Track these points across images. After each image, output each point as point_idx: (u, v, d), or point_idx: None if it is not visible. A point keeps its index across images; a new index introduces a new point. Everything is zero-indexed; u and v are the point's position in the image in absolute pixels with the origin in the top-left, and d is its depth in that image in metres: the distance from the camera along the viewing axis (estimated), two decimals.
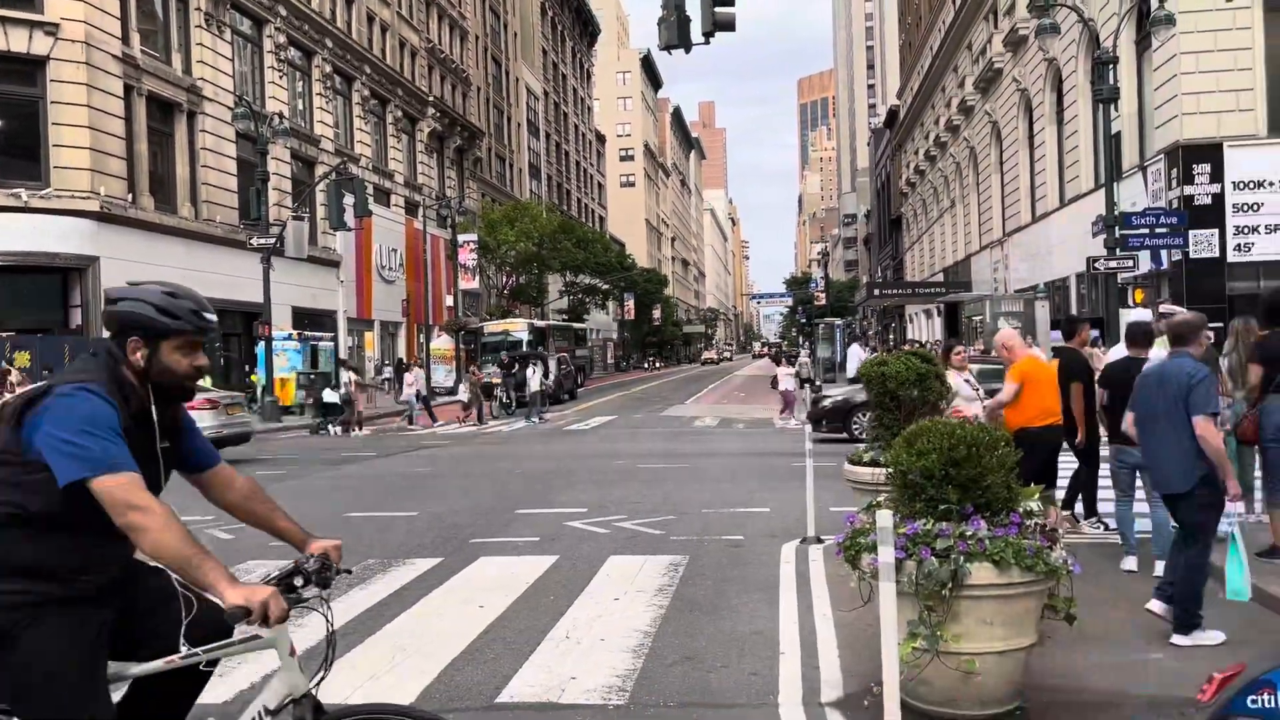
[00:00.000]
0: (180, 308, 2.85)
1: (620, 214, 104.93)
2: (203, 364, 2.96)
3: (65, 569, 2.68)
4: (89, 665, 2.69)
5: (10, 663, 2.62)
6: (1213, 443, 5.35)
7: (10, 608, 2.62)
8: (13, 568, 2.64)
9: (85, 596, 2.72)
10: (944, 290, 49.30)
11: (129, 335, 2.80)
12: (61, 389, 2.67)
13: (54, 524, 2.65)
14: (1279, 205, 22.55)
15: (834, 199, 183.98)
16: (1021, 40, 35.05)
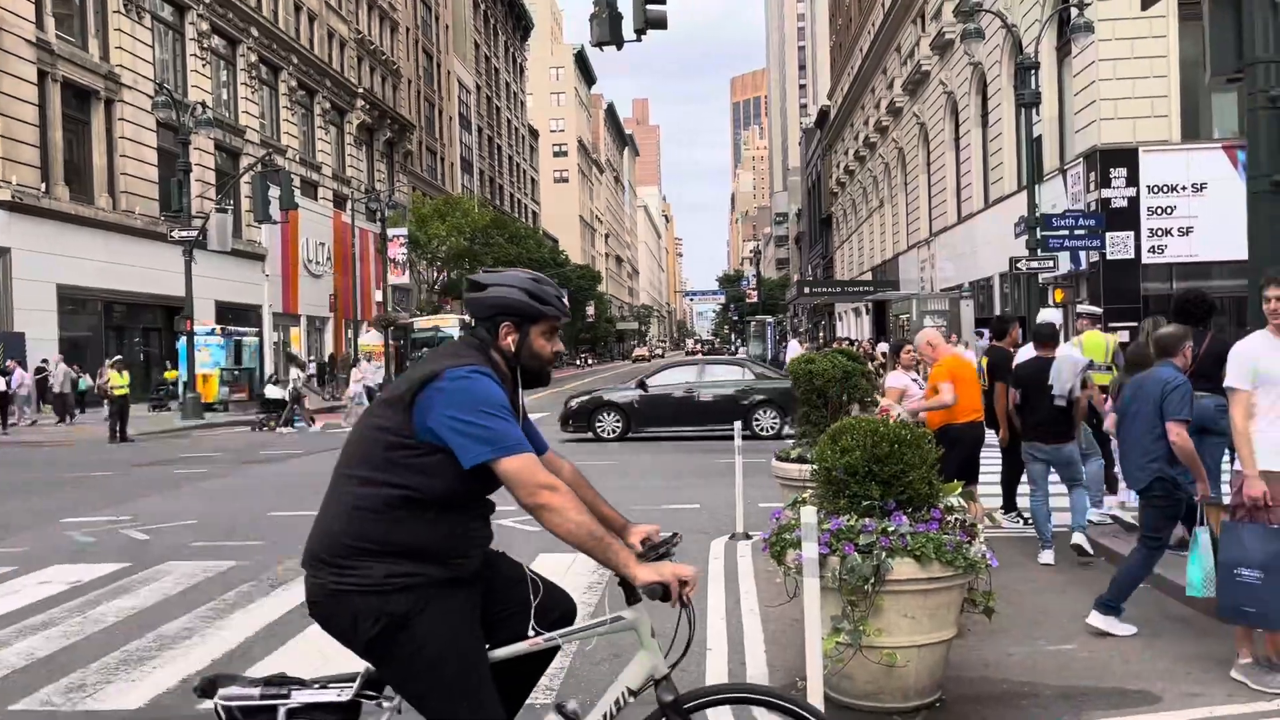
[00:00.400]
0: (547, 293, 2.86)
1: (554, 210, 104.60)
2: (561, 349, 3.04)
3: (449, 551, 2.70)
4: (475, 647, 2.73)
5: (403, 645, 2.63)
6: (1184, 446, 5.53)
7: (403, 590, 2.62)
8: (405, 549, 2.64)
9: (462, 579, 2.74)
10: (872, 289, 50.16)
11: (501, 320, 2.81)
12: (453, 372, 2.66)
13: (444, 506, 2.69)
14: (1190, 209, 23.36)
15: (766, 198, 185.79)
16: (948, 44, 35.76)
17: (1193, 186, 23.30)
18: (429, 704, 2.69)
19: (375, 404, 2.84)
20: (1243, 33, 6.72)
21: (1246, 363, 4.86)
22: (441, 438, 2.61)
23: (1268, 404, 4.82)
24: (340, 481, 2.75)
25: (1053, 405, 7.49)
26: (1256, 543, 4.70)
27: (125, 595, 7.29)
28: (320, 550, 2.69)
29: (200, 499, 12.30)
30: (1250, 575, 4.68)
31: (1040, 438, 7.55)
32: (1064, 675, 5.11)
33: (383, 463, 2.66)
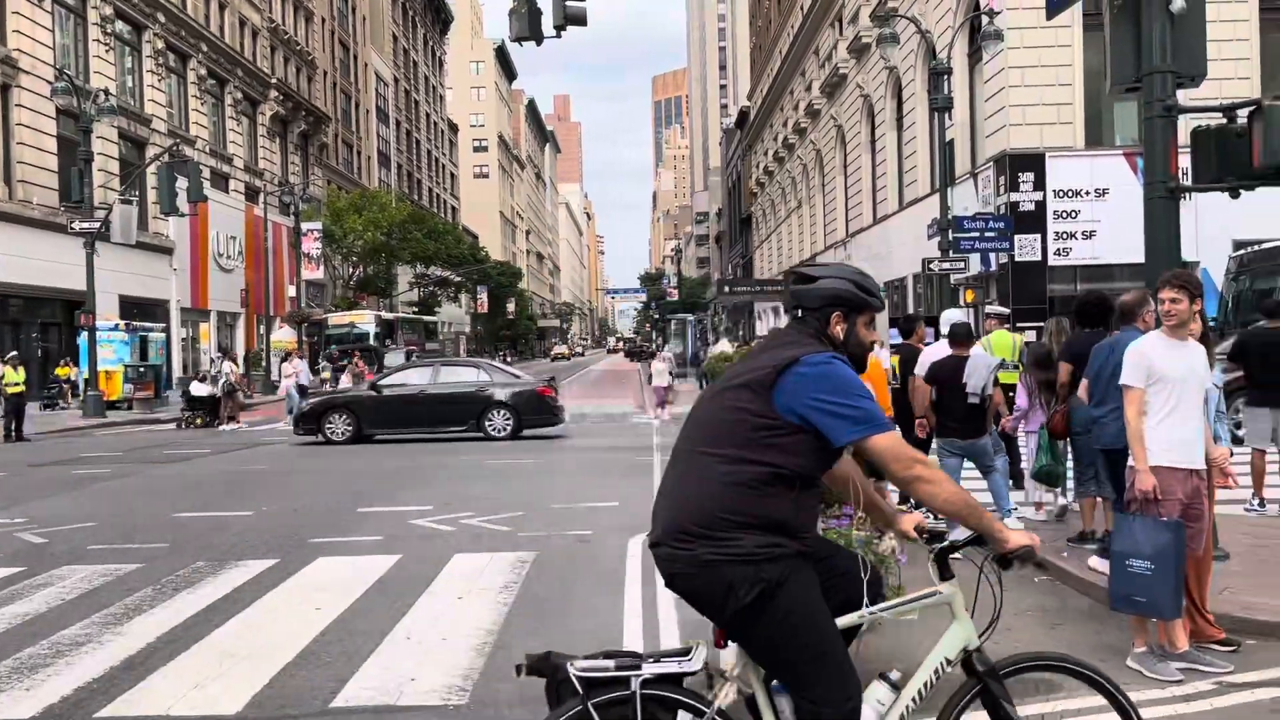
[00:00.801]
0: (871, 285, 3.05)
1: (474, 205, 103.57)
2: (876, 338, 3.20)
3: (801, 526, 2.86)
4: (829, 616, 2.88)
5: (770, 613, 2.77)
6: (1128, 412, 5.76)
7: (772, 560, 2.77)
8: (771, 523, 2.79)
9: (806, 553, 2.88)
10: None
11: (831, 310, 2.97)
12: (811, 358, 2.83)
13: (805, 483, 2.85)
14: (1094, 213, 24.20)
15: (688, 197, 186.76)
16: (865, 48, 36.40)
17: (1095, 191, 24.13)
18: (797, 670, 2.83)
19: (728, 388, 2.95)
20: (1140, 44, 6.97)
21: (1141, 362, 5.04)
22: (807, 419, 2.79)
23: (1160, 402, 5.00)
24: (696, 459, 2.88)
25: (967, 402, 7.73)
26: (1147, 535, 4.87)
27: (19, 601, 6.99)
28: (690, 523, 2.80)
29: (101, 500, 11.87)
30: (1141, 566, 4.85)
31: (955, 434, 7.83)
32: None
33: (748, 442, 2.81)
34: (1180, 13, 6.83)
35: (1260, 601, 5.86)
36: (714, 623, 2.89)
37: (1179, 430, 4.99)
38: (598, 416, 25.34)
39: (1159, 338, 5.12)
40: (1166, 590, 4.79)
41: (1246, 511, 8.59)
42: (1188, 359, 5.05)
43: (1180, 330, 5.07)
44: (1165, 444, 4.99)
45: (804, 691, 2.82)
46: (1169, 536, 4.80)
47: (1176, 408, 4.98)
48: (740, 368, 2.99)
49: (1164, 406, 4.98)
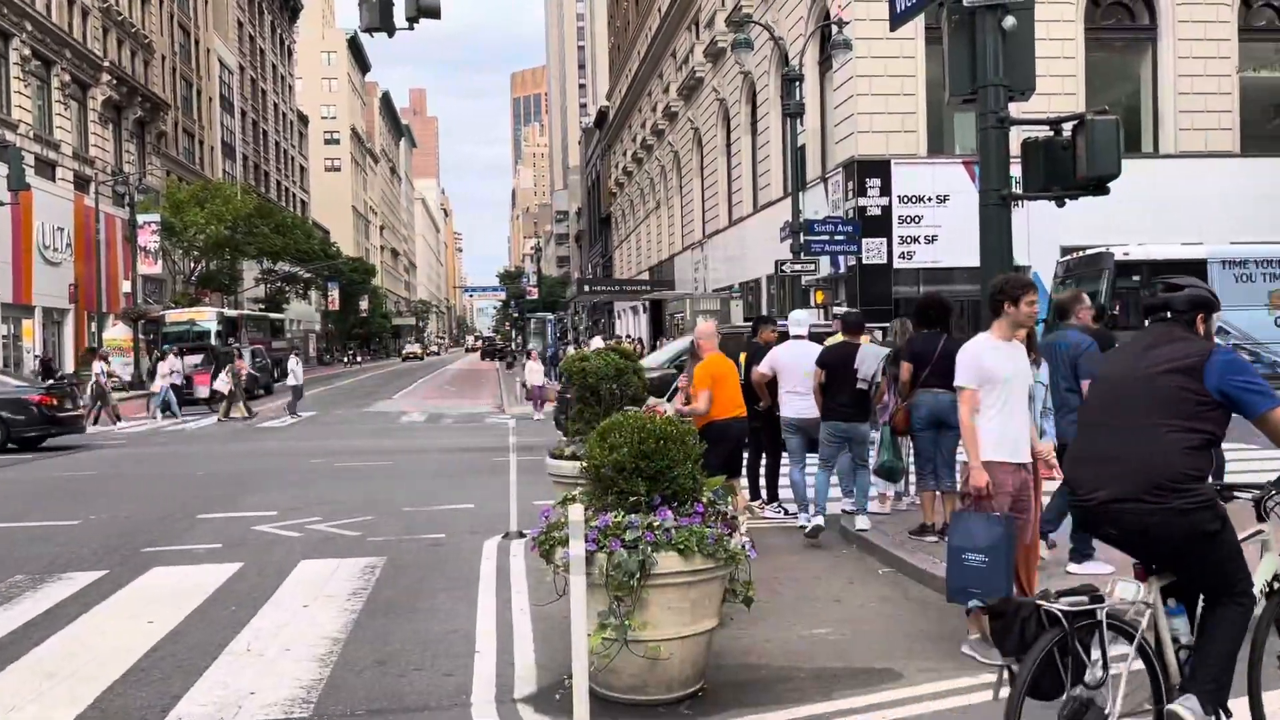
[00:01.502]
0: (1216, 291, 3.95)
1: (325, 199, 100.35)
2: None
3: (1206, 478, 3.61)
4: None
5: (1218, 544, 3.53)
6: None
7: (1215, 501, 3.55)
8: (1204, 475, 3.55)
9: None
10: (649, 288, 51.29)
11: (1197, 312, 3.78)
12: (1221, 350, 3.63)
13: (1215, 445, 3.64)
14: (936, 218, 25.30)
15: (547, 195, 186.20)
16: (721, 52, 37.04)
17: (937, 198, 25.24)
18: (1230, 575, 3.59)
19: (1159, 373, 3.64)
20: (975, 59, 7.31)
21: (973, 363, 5.27)
22: (1230, 395, 3.56)
23: (991, 401, 5.24)
24: (1149, 429, 3.58)
25: (855, 388, 8.17)
26: (980, 529, 5.09)
27: None
28: (1164, 480, 3.50)
29: None
30: (975, 560, 5.07)
31: (841, 416, 8.22)
32: (817, 658, 5.37)
33: (1191, 414, 3.56)
34: (1011, 29, 7.19)
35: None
36: (1146, 561, 3.63)
37: (1009, 427, 5.23)
38: (456, 417, 24.94)
39: (989, 339, 5.35)
40: (997, 582, 5.01)
41: None
42: (1015, 360, 5.31)
43: (1019, 331, 5.30)
44: (998, 440, 5.22)
45: (1233, 587, 3.60)
46: (1000, 530, 5.02)
47: (1006, 406, 5.22)
48: (1157, 356, 3.69)
49: (996, 405, 5.22)
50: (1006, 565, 5.03)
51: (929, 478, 7.75)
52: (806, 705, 4.69)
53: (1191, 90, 26.66)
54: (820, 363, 8.34)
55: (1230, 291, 19.62)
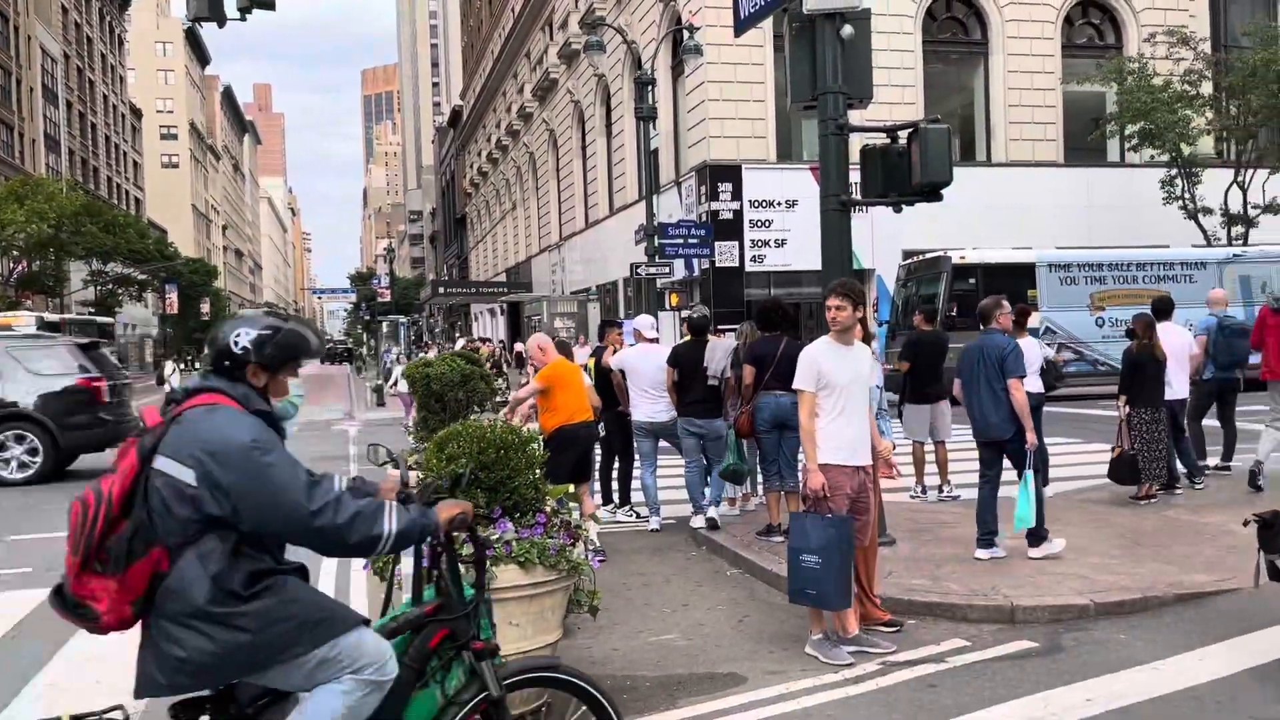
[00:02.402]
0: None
1: (162, 197, 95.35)
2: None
3: None
4: None
5: None
6: (1020, 400, 6.70)
7: None
8: None
9: None
10: (506, 290, 50.81)
11: None
12: None
13: None
14: (785, 223, 25.90)
15: (400, 194, 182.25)
16: (575, 54, 36.97)
17: (786, 202, 25.84)
18: None
19: None
20: (815, 66, 7.43)
21: (811, 367, 5.33)
22: None
23: (829, 404, 5.31)
24: None
25: (706, 384, 8.24)
26: (816, 531, 5.15)
27: None
28: None
29: None
30: (811, 561, 5.13)
31: (695, 414, 8.30)
32: (663, 665, 5.33)
33: None
34: (849, 38, 7.34)
35: (919, 583, 6.39)
36: None
37: (847, 430, 5.31)
38: (300, 424, 23.95)
39: (827, 343, 5.43)
40: (833, 582, 5.08)
41: (911, 498, 9.44)
42: (853, 363, 5.39)
43: (846, 335, 5.40)
44: (835, 444, 5.30)
45: None
46: (834, 532, 5.09)
47: (844, 409, 5.29)
48: None
49: (833, 409, 5.29)
50: (841, 566, 5.09)
51: (774, 479, 7.85)
52: (651, 714, 4.63)
53: (1020, 103, 28.17)
54: (672, 361, 8.39)
55: (1056, 293, 20.83)
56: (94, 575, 2.59)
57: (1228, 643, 5.19)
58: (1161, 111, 24.82)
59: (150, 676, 2.62)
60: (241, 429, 2.65)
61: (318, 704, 2.72)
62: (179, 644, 2.58)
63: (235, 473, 2.59)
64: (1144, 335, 8.90)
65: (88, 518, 2.56)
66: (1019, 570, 6.65)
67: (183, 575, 2.59)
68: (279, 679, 2.73)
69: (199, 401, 2.71)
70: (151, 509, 2.60)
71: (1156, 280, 20.94)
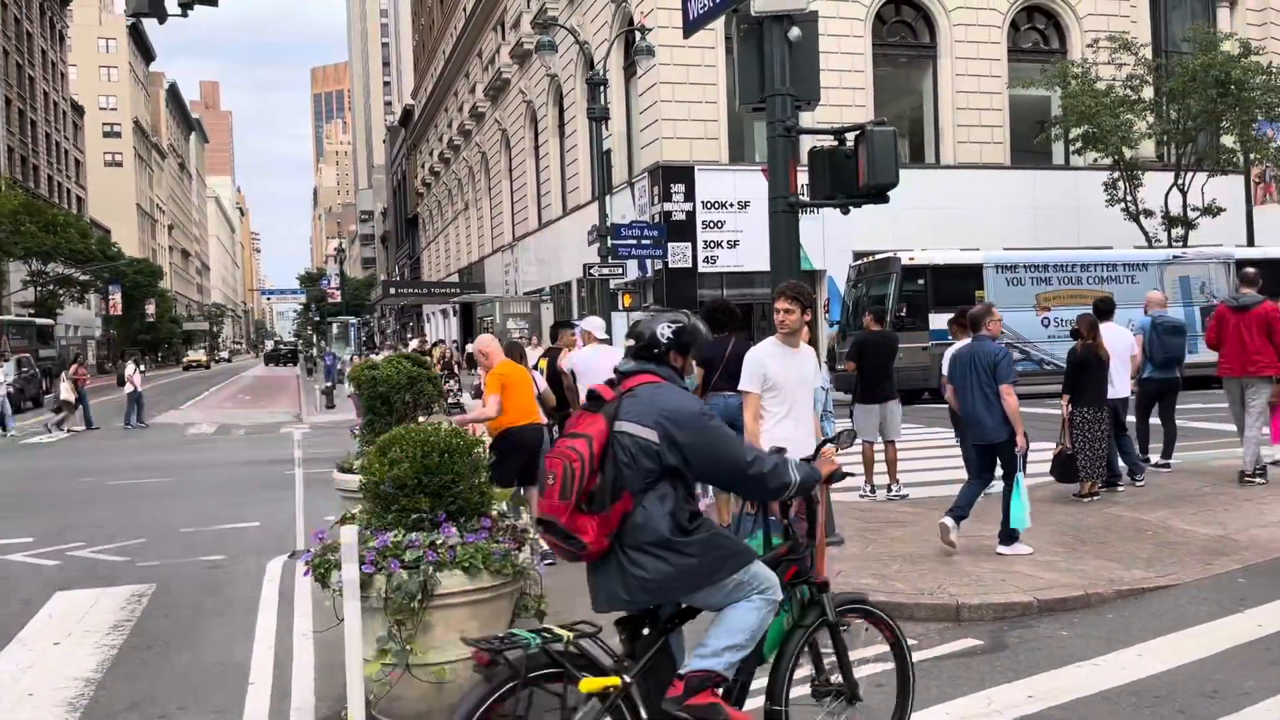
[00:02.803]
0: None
1: (105, 197, 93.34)
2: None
3: None
4: None
5: None
6: (1012, 404, 6.85)
7: None
8: None
9: None
10: (458, 291, 50.43)
11: None
12: None
13: None
14: (737, 224, 26.01)
15: (351, 194, 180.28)
16: (527, 54, 36.81)
17: (739, 204, 25.94)
18: None
19: None
20: (764, 67, 7.46)
21: (757, 370, 5.34)
22: None
23: (774, 406, 5.32)
24: None
25: None
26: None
27: None
28: None
29: None
30: None
31: None
32: None
33: None
34: (797, 40, 7.38)
35: (866, 582, 6.42)
36: None
37: (793, 432, 5.32)
38: (249, 427, 23.64)
39: (773, 345, 5.43)
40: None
41: (860, 498, 9.50)
42: (799, 366, 5.40)
43: (793, 338, 5.41)
44: (781, 445, 5.27)
45: None
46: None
47: (790, 412, 5.31)
48: None
49: (779, 410, 5.30)
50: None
51: None
52: None
53: (967, 105, 28.56)
54: None
55: (1003, 294, 21.12)
56: (582, 515, 3.25)
57: (1165, 638, 5.27)
58: (1104, 115, 25.30)
59: (614, 593, 3.34)
60: (690, 400, 3.42)
61: (736, 617, 3.40)
62: (643, 568, 3.26)
63: (689, 433, 3.30)
64: (1088, 335, 9.04)
65: (576, 472, 3.23)
66: (965, 569, 6.71)
67: (648, 513, 3.26)
68: (703, 598, 3.41)
69: (642, 380, 3.42)
70: (620, 463, 3.26)
71: (1100, 281, 21.33)
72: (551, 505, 3.26)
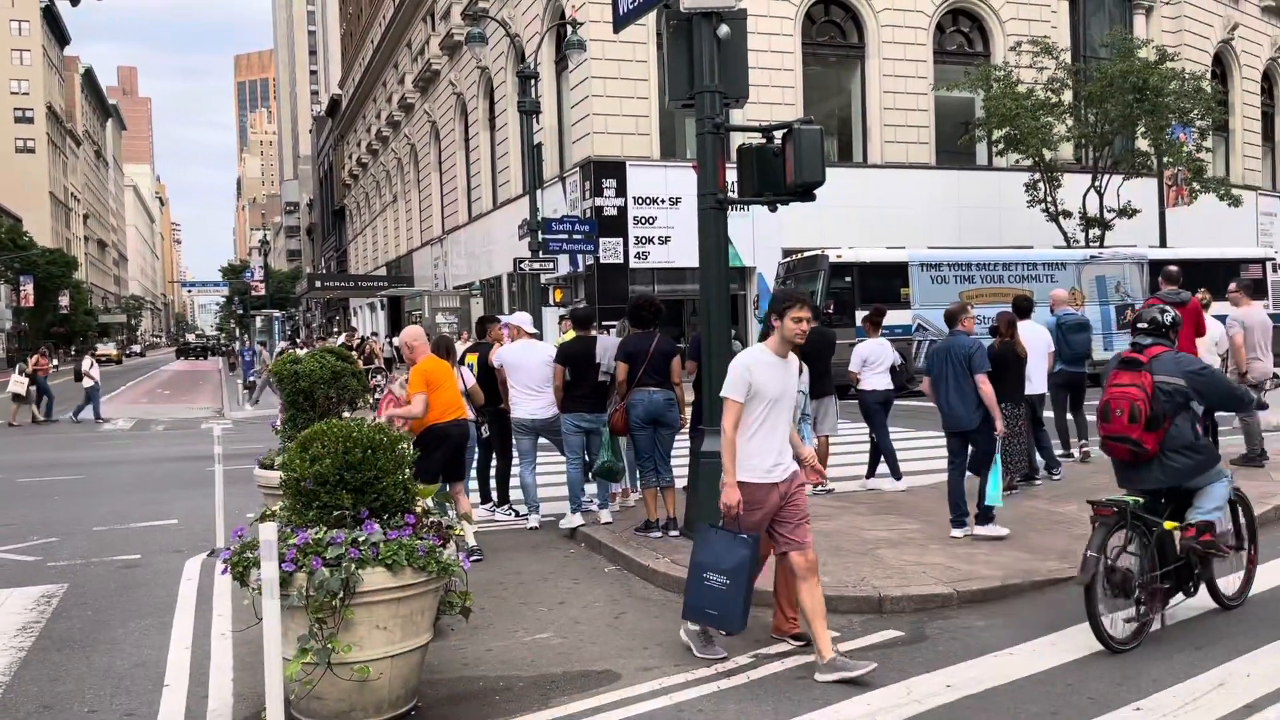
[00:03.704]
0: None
1: (16, 184, 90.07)
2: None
3: None
4: None
5: None
6: (988, 392, 7.47)
7: None
8: None
9: None
10: (386, 284, 49.69)
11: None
12: None
13: None
14: (668, 220, 26.08)
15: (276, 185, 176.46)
16: (457, 45, 36.39)
17: (670, 199, 26.01)
18: None
19: None
20: (693, 63, 7.47)
21: (742, 375, 4.92)
22: None
23: (754, 417, 4.94)
24: None
25: (596, 380, 8.21)
26: (727, 550, 4.93)
27: None
28: None
29: None
30: (717, 580, 4.94)
31: (584, 408, 8.22)
32: (537, 664, 5.27)
33: None
34: (726, 38, 7.40)
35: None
36: None
37: (769, 443, 5.00)
38: (168, 423, 23.02)
39: (763, 352, 5.04)
40: (739, 603, 4.93)
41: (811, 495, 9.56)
42: (786, 376, 5.03)
43: (788, 348, 5.05)
44: (756, 460, 4.99)
45: None
46: (745, 553, 4.91)
47: (767, 422, 4.98)
48: None
49: (758, 421, 4.96)
50: (747, 586, 4.96)
51: (650, 475, 7.87)
52: (523, 715, 4.58)
53: (894, 106, 29.03)
54: (562, 359, 8.25)
55: (928, 291, 21.55)
56: (1148, 433, 5.30)
57: (1078, 627, 5.43)
58: (1025, 118, 25.93)
59: (1155, 478, 5.42)
60: (1197, 359, 6.01)
61: (1217, 490, 5.54)
62: (1175, 462, 5.37)
63: (1200, 380, 5.43)
64: (1006, 333, 9.25)
65: (1141, 408, 5.30)
66: (887, 562, 6.83)
67: (1180, 429, 5.37)
68: (1200, 480, 5.48)
69: (1159, 350, 5.49)
70: (1161, 400, 5.31)
71: (1020, 280, 21.88)
72: (1120, 428, 5.36)
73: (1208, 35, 34.07)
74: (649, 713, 4.57)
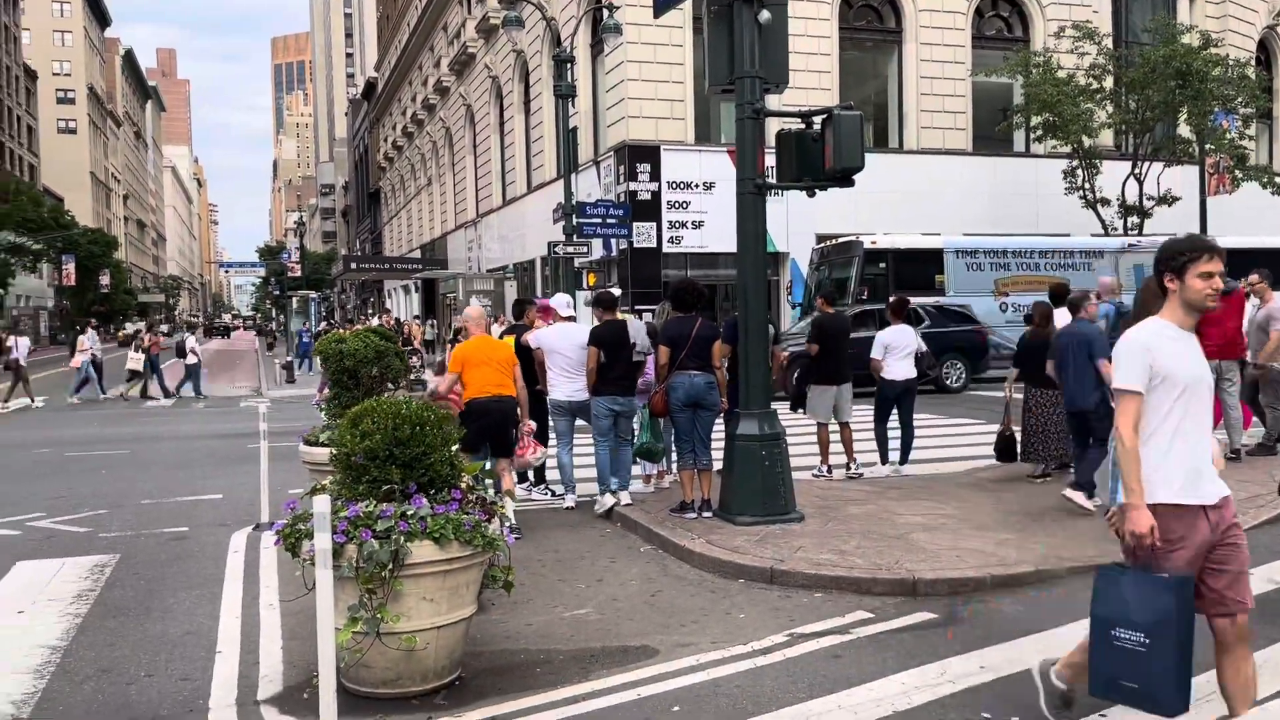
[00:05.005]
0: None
1: (59, 165, 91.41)
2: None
3: None
4: None
5: None
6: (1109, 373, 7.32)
7: None
8: None
9: None
10: (420, 267, 50.03)
11: None
12: None
13: None
14: (702, 205, 26.08)
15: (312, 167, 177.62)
16: (493, 28, 36.47)
17: (704, 184, 26.01)
18: None
19: None
20: (733, 50, 7.52)
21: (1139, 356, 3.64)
22: None
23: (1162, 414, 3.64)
24: None
25: (630, 361, 8.36)
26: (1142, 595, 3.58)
27: None
28: None
29: None
30: (1130, 639, 3.59)
31: (619, 390, 8.36)
32: (577, 639, 5.40)
33: None
34: (766, 23, 7.44)
35: (826, 558, 6.58)
36: None
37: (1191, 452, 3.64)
38: (208, 400, 23.42)
39: (1165, 325, 3.68)
40: (1167, 672, 3.55)
41: (815, 477, 9.64)
42: (1196, 356, 3.73)
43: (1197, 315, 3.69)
44: (1175, 474, 3.61)
45: None
46: (1170, 600, 3.53)
47: (1181, 419, 3.63)
48: None
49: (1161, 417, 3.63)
50: (1176, 650, 3.53)
51: (688, 456, 7.96)
52: (563, 687, 4.69)
53: (931, 91, 28.78)
54: (596, 341, 8.35)
55: (963, 279, 21.43)
56: None
57: None
58: (1065, 104, 25.63)
59: None
60: None
61: None
62: None
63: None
64: (1040, 322, 9.30)
65: None
66: (921, 546, 6.89)
67: None
68: None
69: None
70: None
71: (1056, 268, 21.69)
72: None
73: (1252, 20, 33.44)
74: (687, 687, 4.67)
